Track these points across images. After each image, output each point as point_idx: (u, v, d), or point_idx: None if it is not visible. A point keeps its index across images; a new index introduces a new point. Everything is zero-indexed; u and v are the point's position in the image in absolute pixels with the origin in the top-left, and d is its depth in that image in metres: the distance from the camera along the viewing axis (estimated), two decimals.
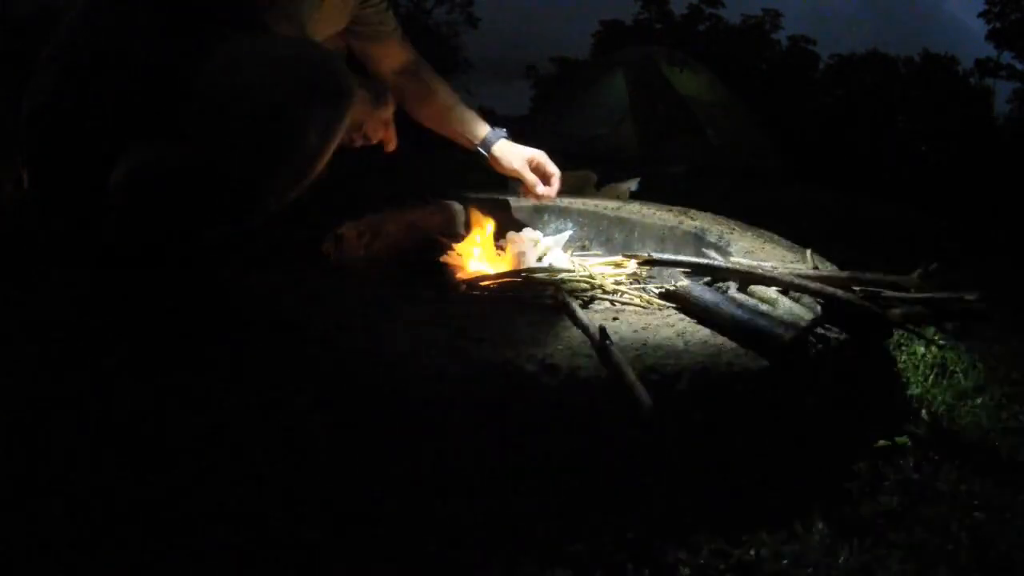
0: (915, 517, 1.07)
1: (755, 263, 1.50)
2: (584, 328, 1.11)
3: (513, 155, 1.92)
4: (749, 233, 1.86)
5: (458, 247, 1.81)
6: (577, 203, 2.20)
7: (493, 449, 1.01)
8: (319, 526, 0.98)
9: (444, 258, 1.76)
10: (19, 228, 2.17)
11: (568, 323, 1.16)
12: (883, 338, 1.38)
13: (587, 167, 2.51)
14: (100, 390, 1.28)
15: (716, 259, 1.50)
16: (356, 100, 1.18)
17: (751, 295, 1.30)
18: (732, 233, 1.86)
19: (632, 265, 1.56)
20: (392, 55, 1.84)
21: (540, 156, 1.93)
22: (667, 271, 1.64)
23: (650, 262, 1.44)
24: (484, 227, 1.86)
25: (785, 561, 0.97)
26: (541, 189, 1.91)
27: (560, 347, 1.05)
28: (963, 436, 1.36)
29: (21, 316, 1.58)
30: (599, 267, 1.62)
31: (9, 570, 0.89)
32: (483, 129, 1.93)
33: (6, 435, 1.14)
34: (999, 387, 1.61)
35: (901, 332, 1.73)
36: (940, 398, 1.53)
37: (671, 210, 2.11)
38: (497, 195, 2.25)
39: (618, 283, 1.50)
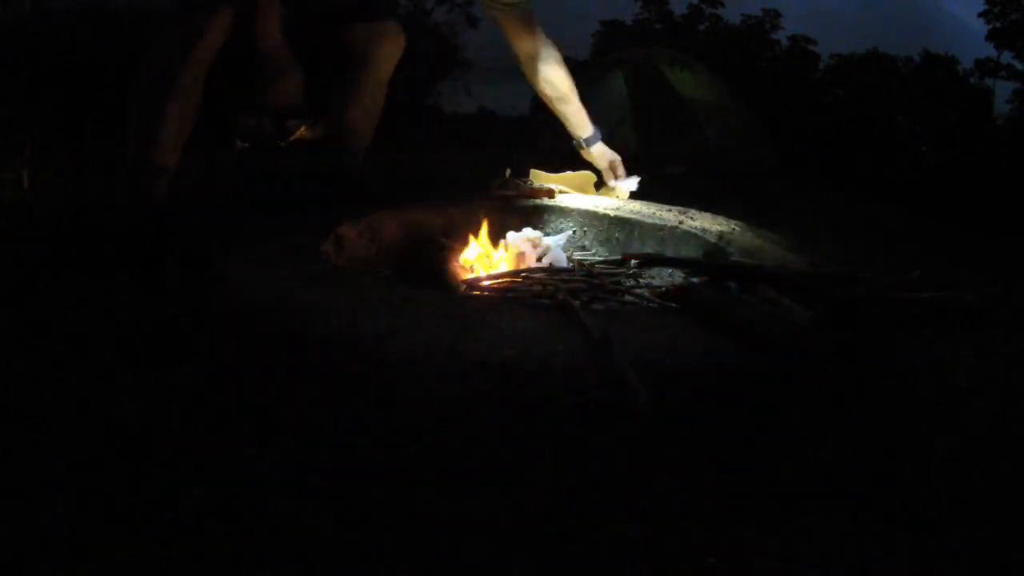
0: (915, 517, 1.07)
1: (755, 263, 1.50)
2: (584, 328, 1.11)
3: (604, 155, 2.47)
4: (749, 233, 1.86)
5: (458, 247, 1.81)
6: (577, 203, 2.20)
7: (493, 449, 1.01)
8: (319, 526, 0.98)
9: (444, 258, 1.76)
10: (19, 227, 2.17)
11: (568, 323, 1.16)
12: (883, 338, 1.38)
13: (587, 167, 2.53)
14: (100, 389, 1.28)
15: (716, 259, 1.50)
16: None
17: (751, 295, 1.30)
18: (732, 233, 1.86)
19: (632, 265, 1.56)
20: (516, 35, 2.30)
21: (617, 158, 2.48)
22: (667, 271, 1.64)
23: (650, 262, 1.44)
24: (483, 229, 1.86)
25: (785, 561, 0.97)
26: (614, 182, 2.45)
27: (560, 347, 1.05)
28: (963, 436, 1.35)
29: (22, 315, 1.59)
30: (599, 267, 1.62)
31: (9, 570, 0.89)
32: (585, 130, 2.43)
33: (7, 434, 1.14)
34: (999, 387, 1.61)
35: (901, 331, 1.73)
36: (940, 398, 1.53)
37: (671, 210, 2.11)
38: (498, 196, 2.26)
39: (618, 283, 1.50)
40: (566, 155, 2.61)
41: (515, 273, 1.49)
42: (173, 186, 1.73)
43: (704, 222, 1.97)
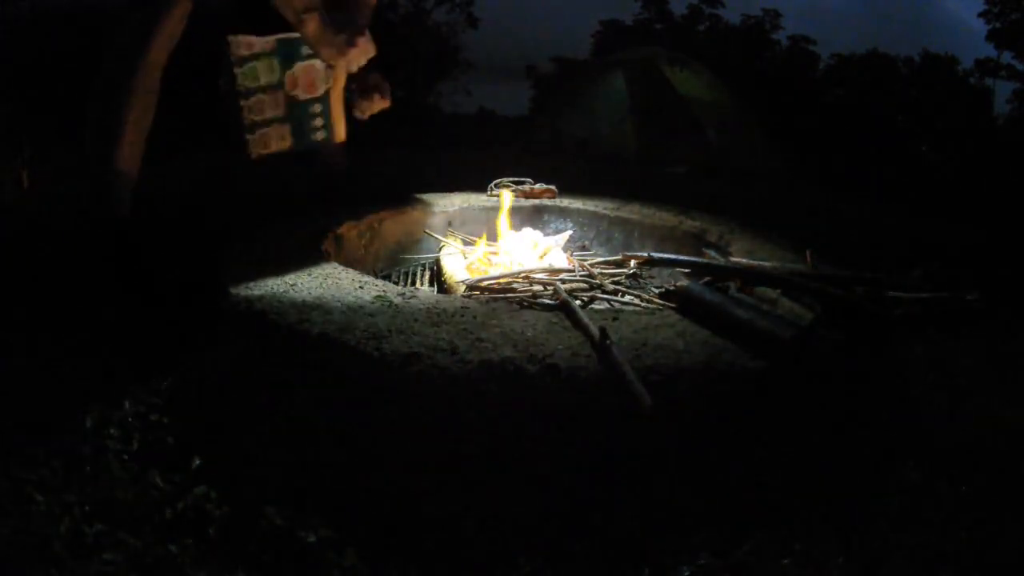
0: (915, 517, 1.07)
1: (755, 263, 1.50)
2: (584, 328, 1.11)
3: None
4: (749, 233, 1.86)
5: (460, 248, 1.81)
6: (577, 203, 2.21)
7: (493, 449, 1.01)
8: (319, 526, 0.98)
9: (445, 258, 1.76)
10: (19, 227, 2.17)
11: (568, 323, 1.16)
12: (883, 338, 1.38)
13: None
14: (101, 389, 1.28)
15: (716, 259, 1.50)
16: None
17: (751, 295, 1.30)
18: (732, 233, 1.86)
19: (632, 265, 1.56)
20: None
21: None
22: (667, 271, 1.64)
23: (650, 262, 1.44)
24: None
25: (785, 561, 0.97)
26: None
27: (560, 347, 1.05)
28: (963, 436, 1.36)
29: (23, 314, 1.58)
30: (599, 267, 1.62)
31: (9, 570, 0.89)
32: None
33: (7, 435, 1.14)
34: (999, 387, 1.61)
35: (901, 331, 1.73)
36: (940, 398, 1.53)
37: (671, 210, 2.11)
38: (495, 195, 2.25)
39: (618, 283, 1.49)
40: (563, 155, 2.60)
41: (515, 273, 1.49)
42: (171, 187, 1.72)
43: (704, 222, 1.98)
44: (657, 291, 1.39)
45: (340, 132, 1.94)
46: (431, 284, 1.82)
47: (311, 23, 1.66)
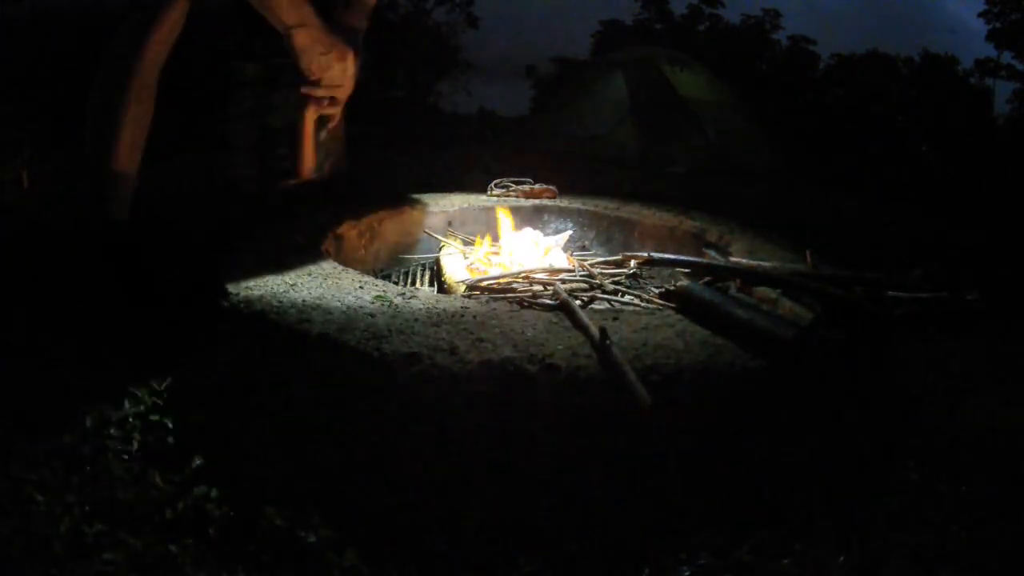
0: (915, 517, 1.07)
1: (755, 263, 1.50)
2: (584, 328, 1.11)
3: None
4: (749, 233, 1.86)
5: (460, 248, 1.81)
6: (577, 203, 2.21)
7: (493, 449, 1.01)
8: (319, 526, 0.98)
9: (445, 258, 1.76)
10: (19, 227, 2.17)
11: (568, 323, 1.16)
12: (883, 338, 1.38)
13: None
14: (101, 389, 1.28)
15: (716, 259, 1.50)
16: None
17: (751, 295, 1.30)
18: (732, 233, 1.86)
19: (632, 265, 1.56)
20: None
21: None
22: (667, 271, 1.64)
23: (650, 262, 1.45)
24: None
25: (785, 561, 0.97)
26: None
27: (560, 347, 1.05)
28: (963, 436, 1.36)
29: (23, 314, 1.58)
30: (599, 267, 1.62)
31: (9, 570, 0.89)
32: None
33: (7, 435, 1.14)
34: (999, 387, 1.61)
35: (901, 331, 1.73)
36: (940, 398, 1.53)
37: (671, 210, 2.11)
38: (495, 195, 2.26)
39: (618, 283, 1.49)
40: (563, 155, 2.60)
41: (515, 273, 1.49)
42: (172, 187, 1.72)
43: (704, 222, 1.98)
44: (657, 291, 1.39)
45: (307, 168, 1.76)
46: (431, 284, 1.82)
47: (299, 37, 1.61)
